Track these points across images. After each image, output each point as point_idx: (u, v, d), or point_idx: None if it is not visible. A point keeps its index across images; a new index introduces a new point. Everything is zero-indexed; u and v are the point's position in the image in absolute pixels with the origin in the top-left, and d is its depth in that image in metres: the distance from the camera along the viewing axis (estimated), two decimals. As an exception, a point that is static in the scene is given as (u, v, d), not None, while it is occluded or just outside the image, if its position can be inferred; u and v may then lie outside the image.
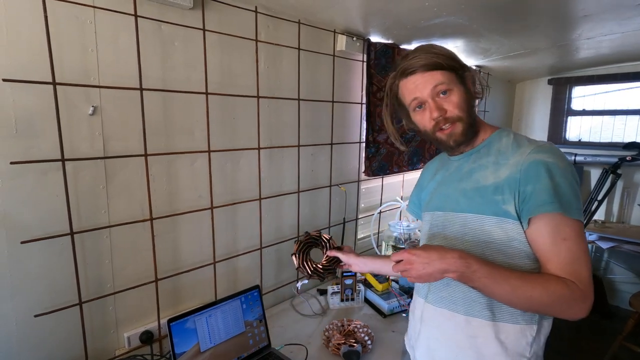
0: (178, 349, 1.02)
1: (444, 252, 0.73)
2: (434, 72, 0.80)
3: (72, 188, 0.98)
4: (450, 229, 0.86)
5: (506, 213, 0.76)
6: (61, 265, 0.99)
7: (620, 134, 2.92)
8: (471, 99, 0.84)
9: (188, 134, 1.21)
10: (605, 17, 1.46)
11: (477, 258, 0.73)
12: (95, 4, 0.96)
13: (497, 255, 0.78)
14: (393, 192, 2.20)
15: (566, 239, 0.72)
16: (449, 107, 0.81)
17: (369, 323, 1.38)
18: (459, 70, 0.83)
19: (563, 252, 0.72)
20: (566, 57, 2.36)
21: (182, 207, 1.22)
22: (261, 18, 1.33)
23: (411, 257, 0.74)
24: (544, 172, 0.73)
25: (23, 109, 0.89)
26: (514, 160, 0.78)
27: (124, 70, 1.04)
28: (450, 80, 0.81)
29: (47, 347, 1.00)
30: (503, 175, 0.78)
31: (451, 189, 0.89)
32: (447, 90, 0.81)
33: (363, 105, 1.82)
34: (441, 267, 0.72)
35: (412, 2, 1.26)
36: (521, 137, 0.84)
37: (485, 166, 0.83)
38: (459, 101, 0.81)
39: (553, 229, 0.72)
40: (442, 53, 0.81)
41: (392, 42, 1.81)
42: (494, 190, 0.78)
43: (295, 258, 1.14)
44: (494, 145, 0.85)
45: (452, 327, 0.84)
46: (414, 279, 0.75)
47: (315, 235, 1.18)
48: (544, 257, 0.74)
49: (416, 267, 0.73)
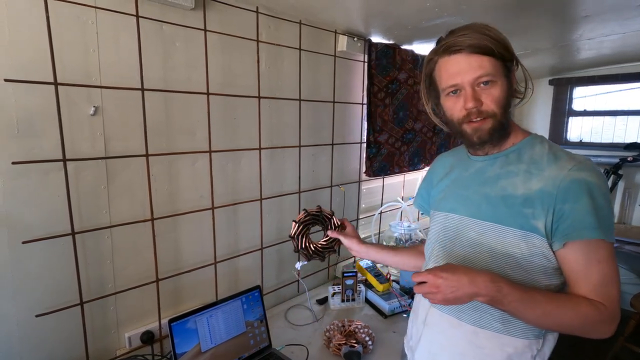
0: (179, 349, 1.02)
1: (473, 274, 0.68)
2: (482, 56, 0.71)
3: (73, 188, 0.98)
4: (465, 236, 0.80)
5: (534, 228, 0.71)
6: (62, 265, 0.99)
7: (622, 134, 2.91)
8: (511, 96, 0.76)
9: (189, 134, 1.21)
10: (607, 18, 1.46)
11: (507, 281, 0.68)
12: (97, 5, 0.97)
13: (515, 269, 0.73)
14: (394, 192, 2.20)
15: (600, 262, 0.69)
16: (487, 100, 0.73)
17: (370, 323, 1.38)
18: (509, 62, 0.74)
19: (595, 275, 0.69)
20: (567, 57, 2.36)
21: (183, 207, 1.22)
22: (262, 18, 1.33)
23: (437, 280, 0.67)
24: (586, 193, 0.67)
25: (25, 109, 0.89)
26: (550, 173, 0.71)
27: (126, 70, 1.04)
28: (497, 70, 0.72)
29: (48, 347, 1.00)
30: (535, 187, 0.72)
31: (471, 192, 0.82)
32: (489, 81, 0.72)
33: (364, 106, 1.82)
34: (471, 292, 0.67)
35: (413, 3, 1.26)
36: (557, 148, 0.76)
37: (514, 173, 0.76)
38: (500, 96, 0.73)
39: (590, 253, 0.69)
40: (497, 37, 0.72)
41: (393, 43, 1.81)
42: (524, 202, 0.72)
43: (294, 241, 1.04)
44: (526, 152, 0.78)
45: (458, 335, 0.80)
46: (439, 302, 0.69)
47: (316, 212, 1.07)
48: (574, 278, 0.71)
49: (443, 291, 0.67)
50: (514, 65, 0.76)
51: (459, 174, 0.88)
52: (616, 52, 2.20)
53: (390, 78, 1.82)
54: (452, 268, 0.69)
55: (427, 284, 0.69)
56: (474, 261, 0.78)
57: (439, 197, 0.91)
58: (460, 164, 0.89)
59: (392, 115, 1.88)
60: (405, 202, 2.13)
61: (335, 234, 1.05)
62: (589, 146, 2.99)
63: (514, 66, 0.76)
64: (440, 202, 0.90)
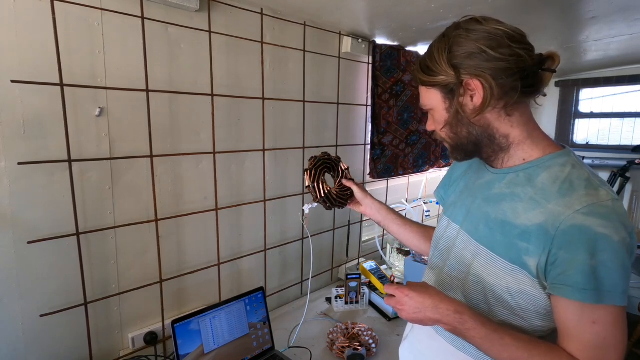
0: (182, 350, 1.02)
1: (438, 301, 0.65)
2: (421, 87, 0.73)
3: (78, 189, 0.99)
4: (459, 252, 0.76)
5: (524, 265, 0.63)
6: (67, 266, 0.99)
7: (629, 136, 2.88)
8: (452, 118, 0.70)
9: (194, 136, 1.21)
10: (614, 19, 1.45)
11: (475, 315, 0.64)
12: (103, 7, 0.97)
13: (499, 302, 0.68)
14: (398, 194, 2.19)
15: (596, 323, 0.58)
16: (434, 126, 0.75)
17: (374, 326, 1.37)
18: (442, 87, 0.68)
19: (588, 335, 0.59)
20: (574, 59, 2.34)
21: (187, 209, 1.23)
22: (267, 20, 1.33)
23: (403, 297, 0.68)
24: (585, 246, 0.56)
25: (31, 110, 0.90)
26: (555, 208, 0.61)
27: (131, 72, 1.04)
28: (432, 97, 0.71)
29: (52, 347, 1.01)
30: (535, 220, 0.62)
31: (475, 206, 0.75)
32: (430, 109, 0.73)
33: (368, 107, 1.81)
34: (433, 317, 0.66)
35: (418, 5, 1.26)
36: (580, 176, 0.63)
37: (519, 198, 0.67)
38: (439, 120, 0.72)
39: (582, 312, 0.59)
40: (423, 66, 0.70)
41: (398, 44, 1.80)
42: (520, 234, 0.64)
43: (308, 175, 0.98)
44: (539, 173, 0.66)
45: (435, 347, 0.79)
46: (404, 318, 0.70)
47: (335, 159, 1.03)
48: (564, 332, 0.62)
49: (407, 310, 0.68)
50: (460, 83, 0.66)
51: (471, 180, 0.83)
52: (623, 53, 2.17)
53: (395, 80, 1.81)
54: (421, 288, 0.68)
55: (395, 298, 0.70)
56: (462, 282, 0.74)
57: (451, 199, 0.87)
58: (477, 169, 0.83)
59: (396, 117, 1.87)
60: (409, 204, 2.12)
61: (351, 183, 1.03)
62: (596, 149, 2.96)
63: (462, 85, 0.66)
64: (449, 206, 0.86)
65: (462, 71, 0.65)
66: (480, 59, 0.63)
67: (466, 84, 0.65)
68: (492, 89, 0.64)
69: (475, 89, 0.65)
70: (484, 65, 0.63)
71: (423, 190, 2.35)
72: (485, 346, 0.64)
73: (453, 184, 0.90)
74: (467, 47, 0.64)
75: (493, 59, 0.63)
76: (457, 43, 0.65)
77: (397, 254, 1.95)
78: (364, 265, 1.71)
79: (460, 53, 0.65)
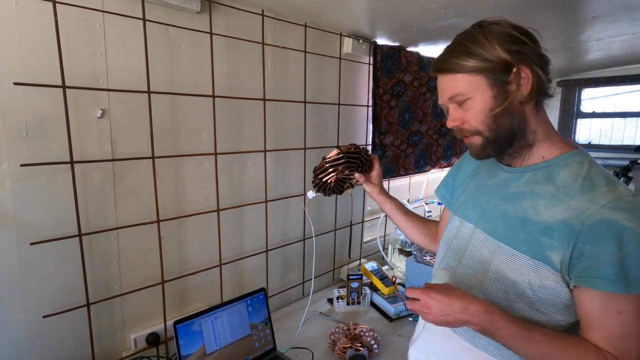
0: (184, 351, 1.02)
1: (467, 302, 0.64)
2: (454, 75, 0.68)
3: (80, 190, 0.99)
4: (475, 251, 0.76)
5: (548, 260, 0.64)
6: (69, 267, 1.00)
7: (631, 136, 2.87)
8: (507, 108, 0.67)
9: (195, 137, 1.21)
10: (616, 18, 1.44)
11: (504, 314, 0.64)
12: (105, 9, 0.98)
13: (520, 298, 0.68)
14: (399, 195, 2.19)
15: (621, 313, 0.60)
16: (467, 118, 0.70)
17: (375, 327, 1.37)
18: (492, 72, 0.66)
19: (614, 325, 0.61)
20: (575, 58, 2.33)
21: (189, 210, 1.23)
22: (268, 21, 1.33)
23: (429, 300, 0.65)
24: (614, 238, 0.58)
25: (33, 111, 0.91)
26: (579, 204, 0.62)
27: (132, 73, 1.05)
28: (473, 85, 0.67)
29: (55, 347, 1.01)
30: (559, 216, 0.64)
31: (490, 205, 0.76)
32: (466, 99, 0.68)
33: (369, 108, 1.81)
34: (462, 319, 0.64)
35: (418, 5, 1.26)
36: (599, 173, 0.66)
37: (539, 195, 0.68)
38: (479, 112, 0.68)
39: (608, 303, 0.60)
40: (467, 53, 0.66)
41: (399, 45, 1.80)
42: (543, 230, 0.65)
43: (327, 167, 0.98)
44: (559, 171, 0.68)
45: (451, 347, 0.78)
46: (430, 322, 0.67)
47: (364, 157, 1.02)
48: (588, 323, 0.63)
49: (434, 313, 0.65)
50: (512, 71, 0.65)
51: (482, 180, 0.82)
52: (625, 53, 2.17)
53: (396, 80, 1.81)
54: (446, 290, 0.66)
55: (420, 302, 0.67)
56: (480, 280, 0.74)
57: (461, 199, 0.86)
58: (488, 168, 0.82)
59: (397, 117, 1.87)
60: (411, 204, 2.11)
61: (363, 179, 1.05)
62: (598, 148, 2.95)
63: (513, 72, 0.65)
64: (460, 206, 0.85)
65: (516, 57, 0.65)
66: (528, 49, 0.65)
67: (521, 69, 0.65)
68: (539, 79, 0.66)
69: (526, 77, 0.66)
70: (532, 54, 0.66)
71: (424, 191, 2.35)
72: (516, 343, 0.64)
73: (460, 185, 0.90)
74: (514, 37, 0.65)
75: (536, 50, 0.66)
76: (503, 32, 0.66)
77: (398, 254, 1.95)
78: (366, 265, 1.71)
79: (512, 39, 0.65)
